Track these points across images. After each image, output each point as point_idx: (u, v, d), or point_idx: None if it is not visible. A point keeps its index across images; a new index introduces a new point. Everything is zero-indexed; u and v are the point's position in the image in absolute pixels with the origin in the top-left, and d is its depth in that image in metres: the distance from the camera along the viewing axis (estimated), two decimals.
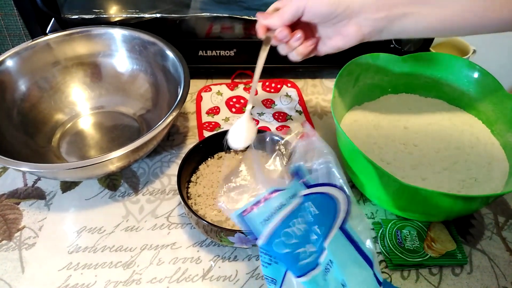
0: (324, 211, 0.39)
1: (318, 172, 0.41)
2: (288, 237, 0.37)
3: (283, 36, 0.45)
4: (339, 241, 0.39)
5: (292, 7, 0.44)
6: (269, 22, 0.46)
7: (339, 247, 0.39)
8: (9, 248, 0.50)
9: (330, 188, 0.41)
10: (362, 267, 0.39)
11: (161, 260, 0.49)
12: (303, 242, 0.37)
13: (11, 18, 0.87)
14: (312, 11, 0.43)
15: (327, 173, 0.41)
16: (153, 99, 0.64)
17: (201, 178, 0.53)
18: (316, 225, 0.39)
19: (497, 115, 0.56)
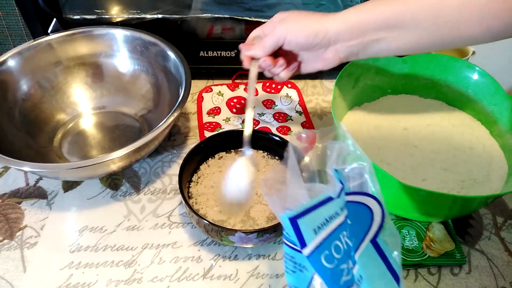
0: (357, 221, 0.36)
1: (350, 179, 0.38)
2: (337, 250, 0.34)
3: (266, 66, 0.49)
4: (369, 255, 0.36)
5: (273, 39, 0.47)
6: (253, 53, 0.49)
7: (369, 261, 0.36)
8: (10, 247, 0.50)
9: (365, 197, 0.37)
10: (389, 284, 0.36)
11: (162, 259, 0.49)
12: (347, 257, 0.34)
13: (12, 18, 0.88)
14: (292, 42, 0.47)
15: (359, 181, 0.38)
16: (154, 100, 0.64)
17: (202, 178, 0.54)
18: (349, 237, 0.35)
19: (496, 116, 0.56)
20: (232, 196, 0.49)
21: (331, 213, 0.34)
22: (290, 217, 0.32)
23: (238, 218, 0.49)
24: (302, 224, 0.32)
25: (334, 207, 0.34)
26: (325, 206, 0.34)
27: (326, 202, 0.34)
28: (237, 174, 0.49)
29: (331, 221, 0.34)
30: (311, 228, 0.33)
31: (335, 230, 0.34)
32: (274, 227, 0.45)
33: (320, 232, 0.33)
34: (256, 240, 0.46)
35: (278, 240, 0.51)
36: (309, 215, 0.33)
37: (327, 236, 0.33)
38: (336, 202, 0.34)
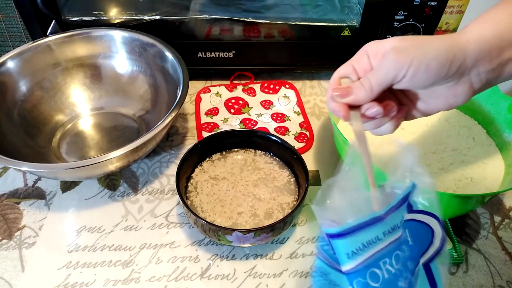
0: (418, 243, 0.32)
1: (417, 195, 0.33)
2: (374, 278, 0.30)
3: (375, 113, 0.35)
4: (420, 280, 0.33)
5: (386, 76, 0.33)
6: (354, 99, 0.35)
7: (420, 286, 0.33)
8: (9, 247, 0.50)
9: (429, 218, 0.33)
10: None
11: (160, 259, 0.49)
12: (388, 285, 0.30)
13: (12, 20, 0.88)
14: (417, 76, 0.33)
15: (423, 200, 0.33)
16: (152, 100, 0.65)
17: (199, 178, 0.54)
18: (408, 260, 0.32)
19: (492, 115, 0.56)
20: None
21: (371, 237, 0.30)
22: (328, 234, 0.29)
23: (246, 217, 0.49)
24: (337, 246, 0.29)
25: (377, 231, 0.30)
26: (366, 229, 0.29)
27: (368, 225, 0.30)
28: None
29: (369, 247, 0.30)
30: (344, 251, 0.29)
31: (373, 256, 0.30)
32: (271, 226, 0.45)
33: (355, 257, 0.29)
34: (254, 240, 0.46)
35: (276, 239, 0.51)
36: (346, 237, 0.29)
37: (362, 262, 0.29)
38: (379, 225, 0.30)
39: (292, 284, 0.47)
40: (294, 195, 0.52)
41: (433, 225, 0.33)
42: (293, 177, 0.54)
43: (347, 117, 0.35)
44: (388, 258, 0.30)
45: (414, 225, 0.33)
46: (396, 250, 0.31)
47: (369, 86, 0.34)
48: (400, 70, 0.33)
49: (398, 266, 0.31)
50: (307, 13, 0.71)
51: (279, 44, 0.71)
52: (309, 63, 0.73)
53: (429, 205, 0.33)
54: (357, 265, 0.29)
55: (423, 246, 0.33)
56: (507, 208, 0.56)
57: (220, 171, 0.54)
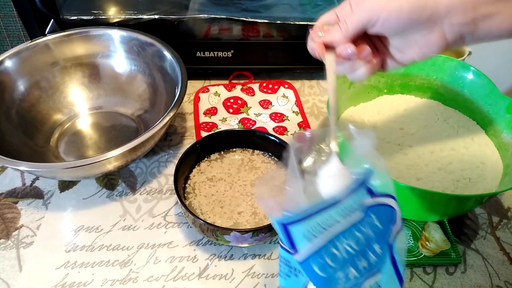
0: (385, 226, 0.33)
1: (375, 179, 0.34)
2: (333, 259, 0.31)
3: (349, 54, 0.37)
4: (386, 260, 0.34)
5: (360, 17, 0.35)
6: (330, 38, 0.37)
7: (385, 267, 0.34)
8: (7, 246, 0.50)
9: (389, 199, 0.34)
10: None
11: (158, 259, 0.49)
12: (347, 265, 0.31)
13: (10, 19, 0.88)
14: (389, 20, 0.35)
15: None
16: (150, 100, 0.64)
17: (198, 177, 0.54)
18: (377, 243, 0.32)
19: (491, 116, 0.56)
20: None
21: (329, 220, 0.31)
22: (281, 222, 0.30)
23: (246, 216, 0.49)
24: (294, 231, 0.30)
25: (334, 214, 0.31)
26: (322, 212, 0.31)
27: (325, 208, 0.31)
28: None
29: (328, 229, 0.31)
30: (303, 235, 0.30)
31: (331, 238, 0.31)
32: (269, 226, 0.45)
33: (314, 240, 0.30)
34: (252, 240, 0.46)
35: (274, 239, 0.51)
36: (303, 222, 0.30)
37: (321, 245, 0.30)
38: (336, 208, 0.31)
39: None
40: None
41: (394, 205, 0.34)
42: None
43: (322, 54, 0.37)
44: (346, 239, 0.31)
45: (378, 209, 0.34)
46: (355, 231, 0.32)
47: (345, 28, 0.36)
48: (374, 13, 0.35)
49: (358, 248, 0.32)
50: (306, 12, 0.71)
51: (278, 43, 0.71)
52: (308, 63, 0.73)
53: (385, 187, 0.34)
54: (317, 248, 0.31)
55: (389, 227, 0.34)
56: (506, 209, 0.56)
57: (217, 171, 0.54)
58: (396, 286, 0.34)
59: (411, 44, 0.37)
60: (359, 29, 0.36)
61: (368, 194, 0.33)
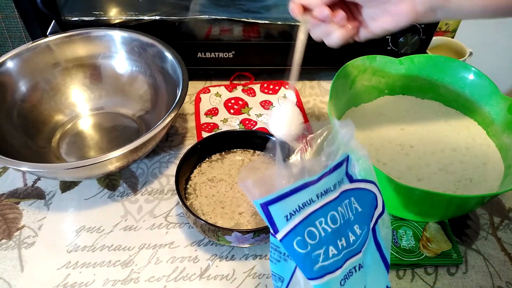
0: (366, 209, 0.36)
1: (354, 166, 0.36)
2: (311, 236, 0.33)
3: (323, 16, 0.39)
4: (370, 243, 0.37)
5: None
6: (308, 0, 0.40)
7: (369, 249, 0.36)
8: (8, 247, 0.50)
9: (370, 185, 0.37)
10: (381, 274, 0.37)
11: (159, 259, 0.49)
12: (326, 243, 0.34)
13: (12, 20, 0.88)
14: None
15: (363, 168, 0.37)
16: (152, 101, 0.65)
17: (199, 178, 0.54)
18: (357, 224, 0.35)
19: (492, 116, 0.56)
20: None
21: (305, 200, 0.33)
22: (261, 203, 0.32)
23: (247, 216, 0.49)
24: (273, 211, 0.32)
25: (309, 193, 0.33)
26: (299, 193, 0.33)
27: (301, 189, 0.33)
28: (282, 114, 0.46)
29: (304, 208, 0.33)
30: (282, 214, 0.33)
31: (308, 216, 0.33)
32: None
33: (292, 218, 0.33)
34: (253, 240, 0.46)
35: None
36: (281, 202, 0.32)
37: (299, 223, 0.33)
38: (312, 188, 0.34)
39: None
40: None
41: (374, 190, 0.37)
42: None
43: (300, 14, 0.41)
44: (323, 218, 0.34)
45: (358, 193, 0.36)
46: (331, 211, 0.34)
47: None
48: None
49: (335, 226, 0.34)
50: None
51: (278, 44, 0.71)
52: (309, 63, 0.72)
53: (366, 174, 0.36)
54: (295, 226, 0.33)
55: (370, 211, 0.36)
56: (507, 209, 0.56)
57: (217, 172, 0.54)
58: (381, 269, 0.37)
59: (384, 13, 0.39)
60: None
61: (347, 180, 0.36)
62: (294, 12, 0.41)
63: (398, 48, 0.69)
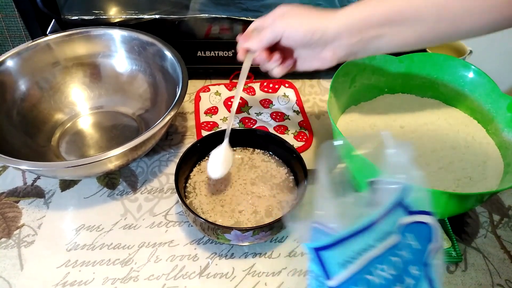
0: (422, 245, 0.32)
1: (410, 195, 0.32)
2: (368, 285, 0.30)
3: (261, 60, 0.49)
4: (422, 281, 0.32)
5: (271, 33, 0.46)
6: (249, 45, 0.48)
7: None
8: (8, 245, 0.50)
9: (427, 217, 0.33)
10: None
11: (159, 257, 0.49)
12: None
13: (12, 19, 0.88)
14: (289, 38, 0.45)
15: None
16: (151, 99, 0.65)
17: (198, 177, 0.54)
18: (413, 264, 0.31)
19: (492, 114, 0.56)
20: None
21: (364, 245, 0.29)
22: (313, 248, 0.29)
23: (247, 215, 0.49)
24: (326, 257, 0.29)
25: (368, 238, 0.29)
26: (356, 237, 0.29)
27: (359, 232, 0.29)
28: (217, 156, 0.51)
29: (363, 254, 0.29)
30: (336, 261, 0.29)
31: (368, 263, 0.30)
32: (270, 225, 0.45)
33: (348, 266, 0.29)
34: (252, 238, 0.46)
35: (274, 238, 0.51)
36: (336, 247, 0.29)
37: (356, 271, 0.29)
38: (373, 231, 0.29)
39: (290, 282, 0.47)
40: (294, 193, 0.52)
41: (431, 222, 0.33)
42: (292, 175, 0.54)
43: (242, 57, 0.50)
44: (381, 264, 0.30)
45: (415, 228, 0.32)
46: (391, 256, 0.30)
47: (260, 39, 0.47)
48: (279, 31, 0.45)
49: (394, 272, 0.30)
50: None
51: None
52: None
53: (422, 203, 0.33)
54: (350, 273, 0.29)
55: (425, 247, 0.33)
56: (506, 207, 0.56)
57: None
58: None
59: (312, 56, 0.47)
60: (270, 41, 0.47)
61: (404, 212, 0.32)
62: (239, 54, 0.50)
63: None
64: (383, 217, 0.30)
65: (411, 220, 0.32)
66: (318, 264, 0.29)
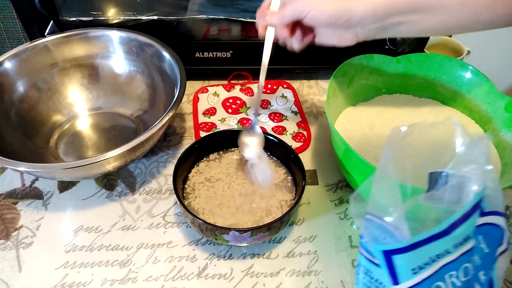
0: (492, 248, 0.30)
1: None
2: None
3: (282, 37, 0.49)
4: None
5: (294, 11, 0.45)
6: (270, 23, 0.49)
7: None
8: (6, 247, 0.50)
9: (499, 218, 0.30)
10: None
11: (157, 258, 0.49)
12: None
13: (10, 21, 0.88)
14: (313, 18, 0.44)
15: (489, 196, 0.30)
16: (150, 100, 0.65)
17: (196, 178, 0.54)
18: (482, 270, 0.29)
19: (489, 114, 0.56)
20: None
21: (440, 251, 0.27)
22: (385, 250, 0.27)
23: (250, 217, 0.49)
24: (399, 262, 0.27)
25: (446, 243, 0.27)
26: (434, 242, 0.27)
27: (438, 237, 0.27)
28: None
29: (437, 261, 0.27)
30: (409, 267, 0.27)
31: (439, 270, 0.28)
32: (268, 225, 0.45)
33: (421, 272, 0.27)
34: (250, 239, 0.46)
35: (273, 239, 0.51)
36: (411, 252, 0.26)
37: (427, 277, 0.27)
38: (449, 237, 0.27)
39: (289, 283, 0.47)
40: (292, 193, 0.52)
41: (502, 225, 0.30)
42: (290, 175, 0.54)
43: (262, 35, 0.50)
44: (455, 271, 0.28)
45: (486, 230, 0.30)
46: (465, 262, 0.28)
47: (282, 16, 0.46)
48: (303, 10, 0.44)
49: (465, 279, 0.28)
50: None
51: (276, 44, 0.71)
52: (307, 63, 0.73)
53: (495, 203, 0.30)
54: (422, 280, 0.27)
55: (494, 250, 0.30)
56: (504, 207, 0.56)
57: (216, 171, 0.54)
58: None
59: (331, 33, 0.47)
60: (293, 20, 0.46)
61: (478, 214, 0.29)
62: (259, 32, 0.50)
63: (395, 47, 0.69)
64: (463, 220, 0.27)
65: (483, 221, 0.30)
66: (387, 268, 0.27)
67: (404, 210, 0.28)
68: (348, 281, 0.48)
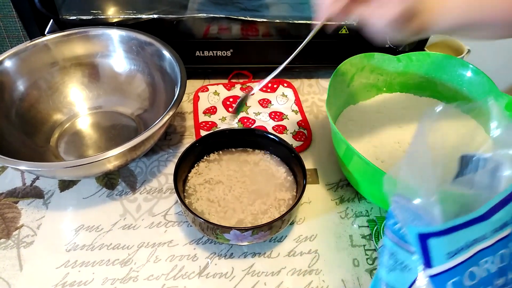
0: None
1: None
2: (471, 277, 0.27)
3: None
4: None
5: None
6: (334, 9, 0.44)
7: None
8: (7, 246, 0.50)
9: None
10: None
11: (158, 257, 0.49)
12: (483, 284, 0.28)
13: (10, 20, 0.88)
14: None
15: None
16: (150, 99, 0.65)
17: (197, 177, 0.54)
18: None
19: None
20: None
21: (477, 235, 0.27)
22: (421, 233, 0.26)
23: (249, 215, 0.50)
24: (434, 245, 0.26)
25: (484, 228, 0.27)
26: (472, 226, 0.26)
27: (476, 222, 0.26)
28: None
29: (474, 245, 0.27)
30: (445, 251, 0.26)
31: (475, 255, 0.27)
32: (269, 224, 0.45)
33: (456, 256, 0.26)
34: (251, 238, 0.46)
35: (274, 238, 0.51)
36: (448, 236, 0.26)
37: (462, 262, 0.27)
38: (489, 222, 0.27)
39: (290, 282, 0.47)
40: (292, 192, 0.52)
41: None
42: (291, 174, 0.54)
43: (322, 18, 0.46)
44: (491, 256, 0.28)
45: None
46: (502, 248, 0.28)
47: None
48: None
49: (501, 265, 0.28)
50: (304, 11, 0.71)
51: (277, 42, 0.71)
52: (307, 61, 0.73)
53: None
54: (457, 265, 0.27)
55: None
56: None
57: (216, 171, 0.54)
58: None
59: None
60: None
61: None
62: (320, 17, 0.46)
63: (396, 46, 0.69)
64: (502, 205, 0.27)
65: None
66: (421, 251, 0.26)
67: (435, 193, 0.27)
68: (349, 280, 0.48)
